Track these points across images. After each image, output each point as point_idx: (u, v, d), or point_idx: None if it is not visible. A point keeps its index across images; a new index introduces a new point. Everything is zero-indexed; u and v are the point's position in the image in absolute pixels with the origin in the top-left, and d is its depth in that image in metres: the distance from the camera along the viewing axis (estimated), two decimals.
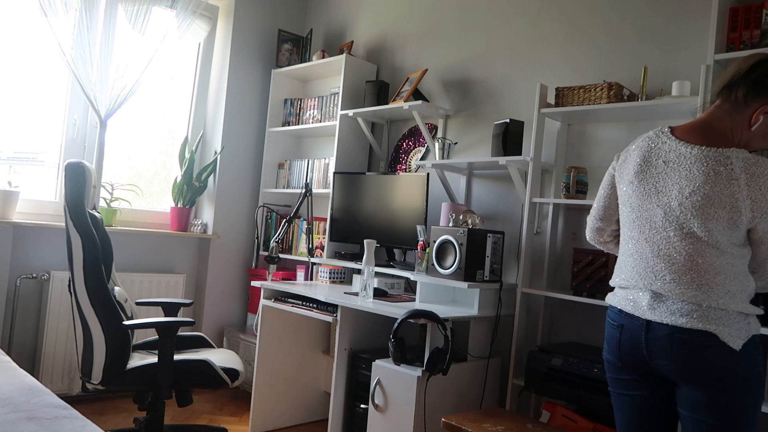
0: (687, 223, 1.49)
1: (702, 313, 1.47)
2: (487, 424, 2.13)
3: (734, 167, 1.45)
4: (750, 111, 1.52)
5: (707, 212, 1.46)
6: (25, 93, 3.34)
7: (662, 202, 1.55)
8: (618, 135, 2.61)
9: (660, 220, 1.55)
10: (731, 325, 1.47)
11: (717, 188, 1.45)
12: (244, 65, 3.99)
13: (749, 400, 1.49)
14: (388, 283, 3.09)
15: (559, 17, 2.88)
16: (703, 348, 1.48)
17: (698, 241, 1.49)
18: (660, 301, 1.54)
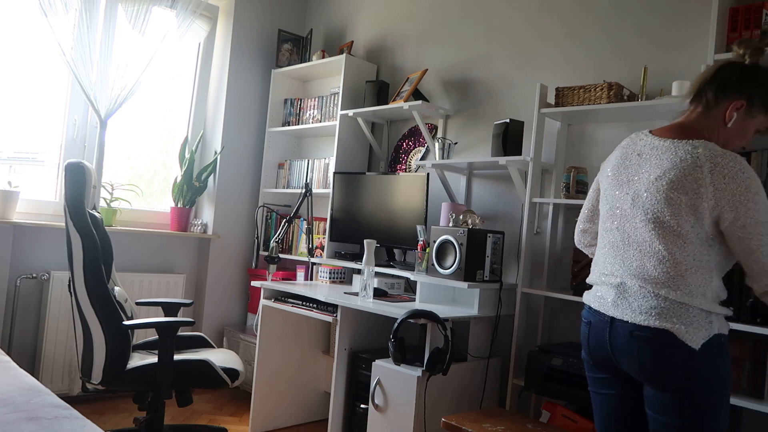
0: (652, 209, 1.51)
1: (662, 309, 1.47)
2: (487, 424, 2.13)
3: (700, 156, 1.47)
4: (722, 109, 1.58)
5: (670, 196, 1.48)
6: (25, 93, 3.34)
7: (632, 190, 1.58)
8: (618, 135, 2.61)
9: (629, 208, 1.58)
10: (690, 323, 1.46)
11: (681, 173, 1.48)
12: (244, 65, 3.99)
13: (713, 402, 1.47)
14: (388, 283, 3.09)
15: (559, 17, 2.88)
16: (662, 347, 1.47)
17: (662, 228, 1.50)
18: (624, 296, 1.55)
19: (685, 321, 1.46)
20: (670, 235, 1.49)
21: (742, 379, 2.05)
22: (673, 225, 1.48)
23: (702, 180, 1.46)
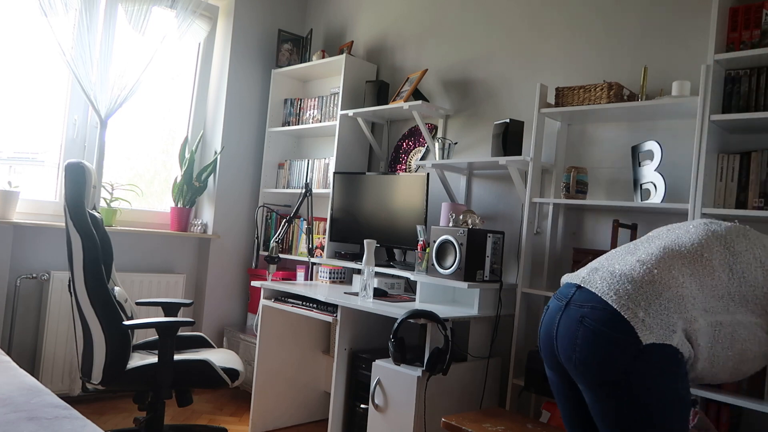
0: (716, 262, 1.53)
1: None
2: (487, 424, 2.13)
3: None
4: None
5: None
6: (25, 93, 3.34)
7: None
8: (618, 135, 2.61)
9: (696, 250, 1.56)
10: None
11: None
12: (244, 65, 3.99)
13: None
14: (388, 283, 3.09)
15: (559, 17, 2.88)
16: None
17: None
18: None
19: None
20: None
21: (742, 379, 2.05)
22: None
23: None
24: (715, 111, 2.14)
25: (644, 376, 1.40)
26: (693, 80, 2.32)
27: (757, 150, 2.09)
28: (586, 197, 2.52)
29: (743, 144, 2.24)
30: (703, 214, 2.11)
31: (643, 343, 1.39)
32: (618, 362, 1.41)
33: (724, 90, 2.17)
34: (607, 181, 2.63)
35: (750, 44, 2.10)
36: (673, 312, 1.43)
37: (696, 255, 1.50)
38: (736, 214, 2.05)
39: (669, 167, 2.39)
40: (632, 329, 1.40)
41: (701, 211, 2.10)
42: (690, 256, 1.51)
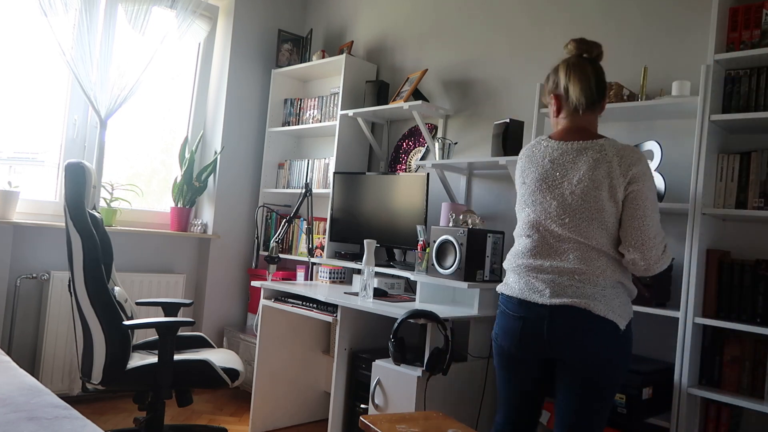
0: (579, 208, 1.70)
1: (595, 295, 1.67)
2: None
3: (608, 152, 1.70)
4: (602, 105, 1.83)
5: (593, 194, 1.69)
6: (25, 93, 3.34)
7: (556, 194, 1.74)
8: (618, 135, 2.60)
9: (555, 210, 1.74)
10: (620, 307, 1.69)
11: (598, 172, 1.69)
12: (244, 65, 3.99)
13: (618, 379, 1.72)
14: (388, 283, 3.09)
15: (559, 17, 2.88)
16: (595, 330, 1.66)
17: (590, 223, 1.69)
18: (560, 288, 1.70)
19: (613, 304, 1.68)
20: (595, 231, 1.69)
21: (742, 379, 2.05)
22: (597, 221, 1.69)
23: (613, 173, 1.68)
24: (715, 111, 2.14)
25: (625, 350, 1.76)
26: (693, 80, 2.32)
27: (757, 150, 2.09)
28: None
29: (743, 144, 2.24)
30: (703, 215, 2.11)
31: (621, 328, 1.72)
32: (602, 344, 1.72)
33: (724, 90, 2.17)
34: None
35: (750, 44, 2.10)
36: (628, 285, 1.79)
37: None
38: (736, 214, 2.05)
39: (669, 167, 2.39)
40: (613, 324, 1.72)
41: (701, 211, 2.10)
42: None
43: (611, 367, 1.68)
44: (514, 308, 1.77)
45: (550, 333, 1.69)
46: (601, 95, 1.81)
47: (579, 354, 1.67)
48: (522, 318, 1.74)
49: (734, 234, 2.25)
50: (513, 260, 1.83)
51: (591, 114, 1.81)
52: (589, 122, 1.81)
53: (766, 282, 2.01)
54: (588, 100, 1.78)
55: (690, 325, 2.08)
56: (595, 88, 1.79)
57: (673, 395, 2.09)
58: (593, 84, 1.79)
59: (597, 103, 1.81)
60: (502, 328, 1.81)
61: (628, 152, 1.70)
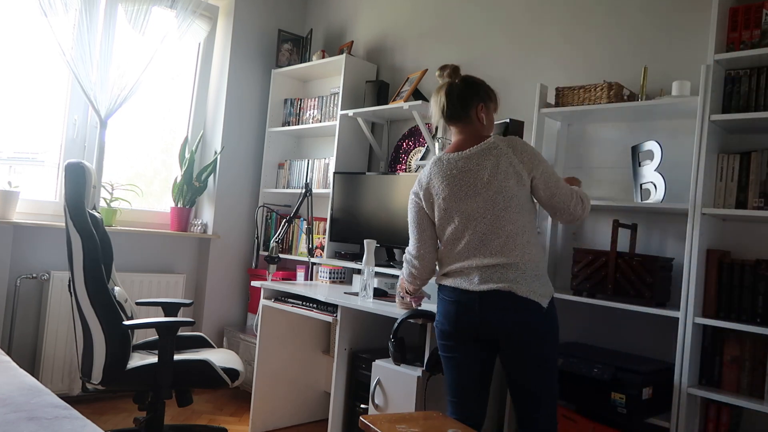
0: (495, 199, 1.92)
1: (517, 277, 1.88)
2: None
3: (501, 147, 1.95)
4: (474, 116, 2.04)
5: (504, 184, 1.91)
6: (25, 93, 3.34)
7: (477, 197, 1.95)
8: (618, 135, 2.61)
9: (480, 210, 1.94)
10: (540, 287, 1.90)
11: (501, 165, 1.92)
12: (244, 65, 3.99)
13: (554, 352, 1.93)
14: (388, 283, 3.09)
15: (559, 17, 2.88)
16: (522, 309, 1.87)
17: (507, 210, 1.91)
18: (487, 275, 1.90)
19: (534, 286, 1.88)
20: (514, 215, 1.91)
21: (742, 379, 2.05)
22: (514, 205, 1.91)
23: (513, 161, 1.92)
24: (715, 111, 2.14)
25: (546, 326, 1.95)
26: (693, 80, 2.32)
27: (757, 150, 2.09)
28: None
29: (743, 144, 2.24)
30: (703, 215, 2.11)
31: (544, 306, 1.93)
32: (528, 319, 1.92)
33: (724, 90, 2.17)
34: (607, 181, 2.63)
35: (750, 44, 2.10)
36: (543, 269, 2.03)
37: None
38: (736, 214, 2.05)
39: (669, 167, 2.38)
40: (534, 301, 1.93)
41: (701, 211, 2.10)
42: None
43: (540, 335, 1.89)
44: (450, 294, 1.99)
45: (481, 314, 1.90)
46: (456, 109, 2.03)
47: (509, 328, 1.88)
48: (456, 302, 1.96)
49: (734, 234, 2.25)
50: (446, 267, 2.02)
51: (465, 127, 2.04)
52: (471, 132, 2.04)
53: (766, 282, 2.01)
54: (445, 116, 2.05)
55: (690, 325, 2.08)
56: (446, 103, 2.04)
57: (673, 395, 2.09)
58: (443, 101, 2.04)
59: (458, 116, 2.04)
60: (442, 312, 2.02)
61: (514, 141, 1.96)
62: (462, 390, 2.03)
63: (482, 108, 2.05)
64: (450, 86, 2.06)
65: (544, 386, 1.91)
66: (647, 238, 2.47)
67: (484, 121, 2.06)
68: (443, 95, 2.05)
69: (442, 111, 2.06)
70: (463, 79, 2.07)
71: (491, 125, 2.10)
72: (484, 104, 2.06)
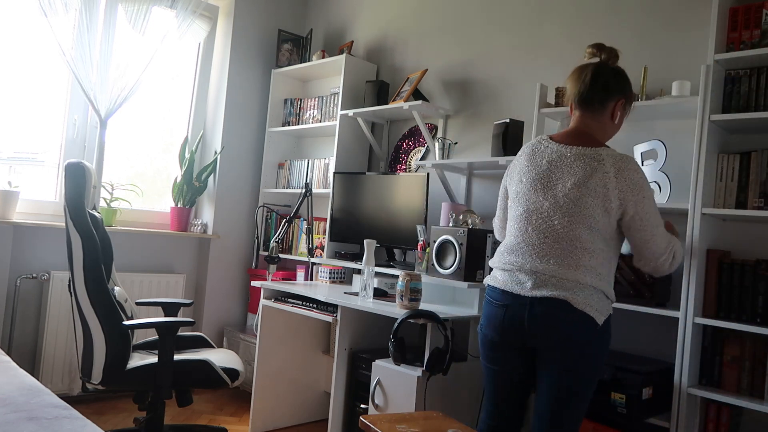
0: (569, 211, 1.74)
1: (578, 290, 1.70)
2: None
3: (605, 163, 1.73)
4: (609, 109, 1.85)
5: (585, 201, 1.72)
6: (25, 93, 3.34)
7: (548, 195, 1.79)
8: (618, 135, 2.59)
9: (547, 210, 1.78)
10: (598, 303, 1.72)
11: (593, 181, 1.72)
12: (244, 65, 3.99)
13: (596, 370, 1.75)
14: (388, 283, 3.09)
15: (559, 17, 2.88)
16: (573, 321, 1.70)
17: (578, 227, 1.72)
18: (542, 281, 1.74)
19: (593, 301, 1.70)
20: (583, 232, 1.72)
21: (742, 379, 2.05)
22: (587, 223, 1.72)
23: (609, 185, 1.71)
24: (715, 111, 2.14)
25: (598, 343, 1.77)
26: (693, 80, 2.32)
27: (757, 150, 2.08)
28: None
29: (743, 144, 2.24)
30: (703, 215, 2.11)
31: (599, 323, 1.74)
32: (581, 337, 1.74)
33: (724, 90, 2.16)
34: None
35: (750, 44, 2.10)
36: (603, 289, 1.78)
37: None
38: (736, 214, 2.05)
39: (669, 167, 2.38)
40: (590, 318, 1.74)
41: (701, 211, 2.10)
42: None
43: (587, 357, 1.73)
44: (498, 297, 1.83)
45: (531, 320, 1.74)
46: (596, 94, 1.82)
47: (556, 341, 1.72)
48: (505, 306, 1.80)
49: (734, 234, 2.25)
50: (500, 258, 1.88)
51: (592, 118, 1.85)
52: (592, 127, 1.84)
53: (766, 282, 2.01)
54: (579, 97, 1.84)
55: (690, 325, 2.08)
56: (589, 84, 1.82)
57: (673, 395, 2.09)
58: (588, 81, 1.82)
59: (592, 103, 1.83)
60: (487, 316, 1.86)
61: (625, 164, 1.73)
62: (500, 402, 1.90)
63: (622, 104, 1.85)
64: (600, 67, 1.84)
65: (564, 413, 1.73)
66: None
67: (617, 119, 1.86)
68: (589, 74, 1.83)
69: (579, 91, 1.84)
70: (616, 67, 1.87)
71: (618, 128, 1.91)
72: (625, 101, 1.86)
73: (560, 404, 1.73)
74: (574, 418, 1.75)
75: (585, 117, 1.86)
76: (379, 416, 1.93)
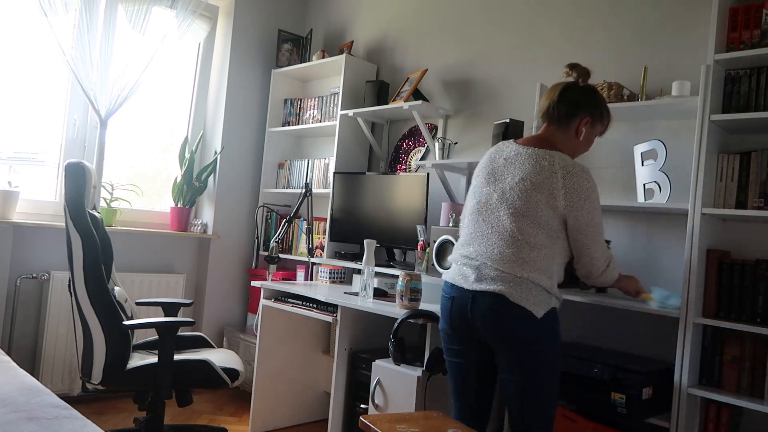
0: (515, 204, 1.82)
1: (515, 284, 1.77)
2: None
3: (555, 164, 1.81)
4: (574, 126, 1.93)
5: (530, 195, 1.80)
6: (25, 93, 3.34)
7: (498, 188, 1.88)
8: (618, 135, 2.60)
9: (495, 202, 1.87)
10: (535, 297, 1.77)
11: (540, 177, 1.80)
12: (244, 65, 3.99)
13: (549, 363, 1.81)
14: (388, 283, 3.09)
15: (559, 17, 2.88)
16: (512, 316, 1.77)
17: (521, 219, 1.80)
18: (483, 275, 1.82)
19: (531, 295, 1.77)
20: (526, 226, 1.80)
21: (742, 379, 2.05)
22: (530, 217, 1.80)
23: (555, 183, 1.78)
24: (715, 111, 2.14)
25: (542, 337, 1.84)
26: (693, 80, 2.32)
27: (757, 150, 2.09)
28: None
29: (743, 144, 2.24)
30: (703, 215, 2.11)
31: (538, 317, 1.80)
32: (523, 332, 1.82)
33: (724, 90, 2.16)
34: (607, 181, 2.63)
35: (750, 44, 2.10)
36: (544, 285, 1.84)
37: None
38: (736, 214, 2.05)
39: (669, 167, 2.38)
40: (528, 311, 1.82)
41: (701, 211, 2.10)
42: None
43: (536, 354, 1.79)
44: (447, 290, 1.94)
45: (473, 314, 1.84)
46: (562, 110, 1.91)
47: (501, 337, 1.81)
48: (452, 298, 1.91)
49: (734, 234, 2.25)
50: (454, 252, 1.99)
51: (557, 131, 1.93)
52: (557, 138, 1.93)
53: (766, 282, 2.01)
54: (546, 112, 1.94)
55: (690, 325, 2.08)
56: (557, 100, 1.92)
57: (673, 395, 2.09)
58: (555, 97, 1.92)
59: (558, 118, 1.92)
60: (440, 309, 1.98)
61: (574, 171, 1.80)
62: (463, 394, 1.99)
63: (587, 122, 1.92)
64: (570, 85, 1.94)
65: (525, 404, 1.81)
66: (648, 238, 2.47)
67: (581, 136, 1.93)
68: (557, 93, 1.93)
69: (547, 106, 1.94)
70: (587, 86, 1.96)
71: (586, 146, 1.97)
72: (591, 119, 1.93)
73: (520, 400, 1.81)
74: (539, 413, 1.81)
75: (551, 129, 1.95)
76: (379, 416, 1.93)
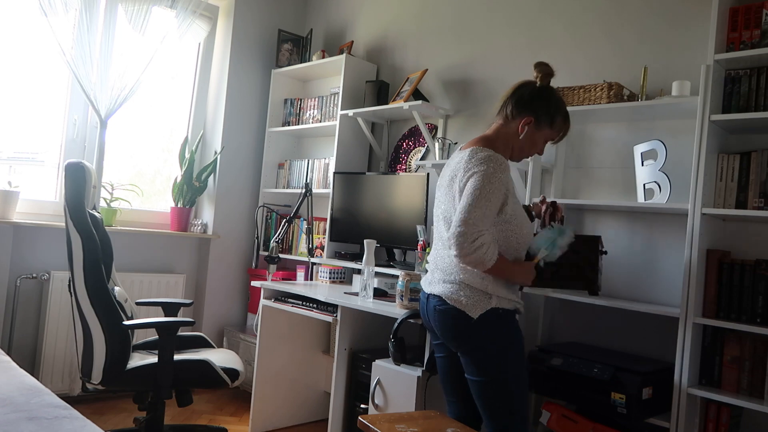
0: (443, 211, 1.89)
1: (451, 284, 1.83)
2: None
3: (465, 155, 1.83)
4: (516, 123, 1.90)
5: (448, 196, 1.86)
6: (25, 93, 3.34)
7: (439, 194, 1.94)
8: (618, 135, 2.61)
9: (437, 209, 1.94)
10: (470, 298, 1.80)
11: (453, 174, 1.84)
12: (244, 65, 3.99)
13: (500, 364, 1.82)
14: (388, 283, 3.08)
15: (559, 17, 2.88)
16: (452, 318, 1.83)
17: (448, 222, 1.84)
18: (431, 279, 1.93)
19: (463, 296, 1.81)
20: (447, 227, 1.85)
21: (742, 379, 2.05)
22: (450, 219, 1.83)
23: (461, 165, 1.81)
24: (715, 111, 2.14)
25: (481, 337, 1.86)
26: (693, 80, 2.32)
27: (757, 150, 2.09)
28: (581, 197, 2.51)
29: (743, 144, 2.24)
30: (703, 215, 2.11)
31: (474, 317, 1.83)
32: (462, 333, 1.88)
33: (724, 90, 2.17)
34: (607, 181, 2.63)
35: (750, 44, 2.10)
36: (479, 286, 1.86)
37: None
38: (736, 214, 2.05)
39: (669, 167, 2.38)
40: (464, 313, 1.87)
41: (701, 211, 2.10)
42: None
43: (479, 351, 1.83)
44: (421, 293, 2.04)
45: (428, 315, 1.94)
46: (508, 106, 1.91)
47: (447, 338, 1.89)
48: (419, 300, 2.04)
49: (734, 234, 2.25)
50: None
51: (503, 126, 1.93)
52: (500, 133, 1.92)
53: (766, 282, 2.01)
54: (499, 108, 1.95)
55: (690, 325, 2.08)
56: (507, 96, 1.92)
57: (673, 395, 2.09)
58: (509, 94, 1.93)
59: (504, 114, 1.92)
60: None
61: (481, 153, 1.80)
62: (451, 388, 2.05)
63: (529, 123, 1.88)
64: (523, 84, 1.94)
65: (486, 404, 1.85)
66: (647, 238, 2.48)
67: (522, 135, 1.89)
68: (511, 90, 1.94)
69: (501, 105, 1.94)
70: (541, 87, 1.92)
71: (529, 147, 1.93)
72: (535, 121, 1.88)
73: (481, 400, 1.85)
74: (504, 413, 1.82)
75: (498, 125, 1.95)
76: (378, 416, 1.93)
